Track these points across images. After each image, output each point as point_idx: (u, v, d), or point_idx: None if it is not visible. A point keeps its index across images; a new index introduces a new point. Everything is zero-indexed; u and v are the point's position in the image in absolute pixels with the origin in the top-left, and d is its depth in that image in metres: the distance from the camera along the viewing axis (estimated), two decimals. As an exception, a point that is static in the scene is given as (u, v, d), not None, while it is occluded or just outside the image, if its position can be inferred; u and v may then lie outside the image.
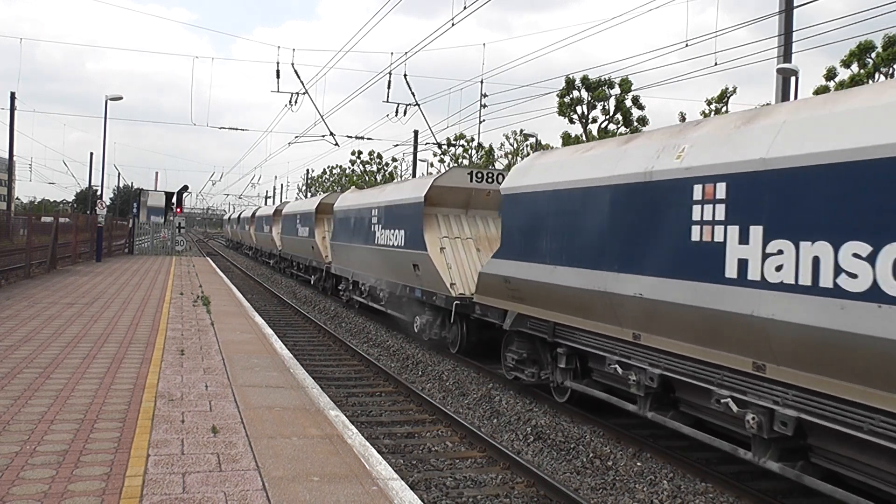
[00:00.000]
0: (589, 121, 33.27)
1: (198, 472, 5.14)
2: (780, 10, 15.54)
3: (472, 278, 12.81)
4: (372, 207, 17.92)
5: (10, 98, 34.91)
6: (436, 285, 13.54)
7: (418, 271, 14.24)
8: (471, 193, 14.68)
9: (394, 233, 15.84)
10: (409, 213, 14.92)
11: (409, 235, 14.77)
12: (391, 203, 16.42)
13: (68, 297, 15.83)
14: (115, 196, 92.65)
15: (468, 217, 14.84)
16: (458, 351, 13.58)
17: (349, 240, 19.76)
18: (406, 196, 15.48)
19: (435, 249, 13.71)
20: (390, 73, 25.89)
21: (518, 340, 10.72)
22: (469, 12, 17.39)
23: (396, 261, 15.66)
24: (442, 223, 14.44)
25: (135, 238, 39.71)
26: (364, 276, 18.51)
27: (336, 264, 21.95)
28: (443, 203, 14.61)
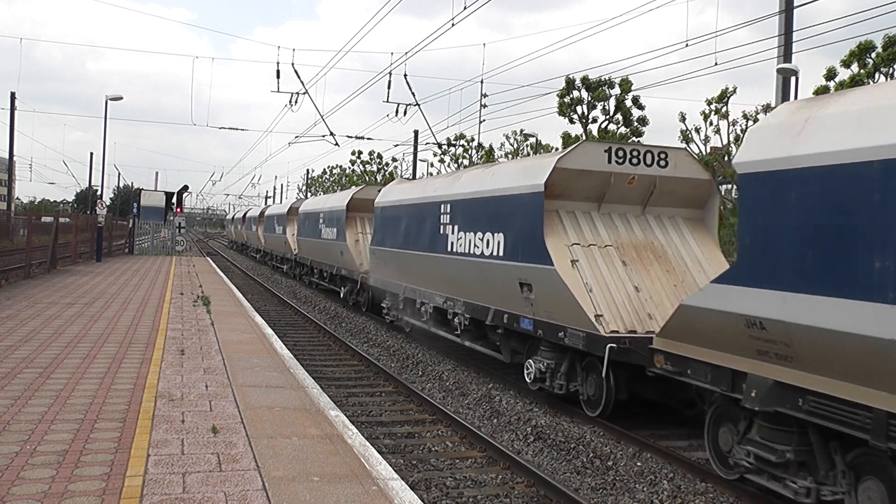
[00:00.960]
0: (589, 121, 33.27)
1: (198, 472, 5.14)
2: (780, 10, 15.54)
3: (628, 307, 9.13)
4: (441, 202, 13.56)
5: (10, 98, 34.95)
6: (567, 316, 9.38)
7: (530, 293, 10.12)
8: (608, 180, 10.23)
9: (482, 237, 11.63)
10: (515, 210, 10.67)
11: (515, 241, 10.60)
12: (479, 195, 11.99)
13: (68, 297, 15.84)
14: (115, 196, 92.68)
15: (602, 215, 10.46)
16: (600, 414, 9.30)
17: (401, 244, 15.64)
18: (509, 184, 11.10)
19: (563, 262, 9.54)
20: (390, 73, 25.91)
21: (772, 429, 6.52)
22: (469, 12, 17.40)
23: (488, 276, 11.47)
24: (568, 224, 10.19)
25: (135, 238, 39.70)
26: (425, 293, 14.22)
27: (376, 275, 17.56)
28: (568, 194, 10.27)
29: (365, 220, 21.04)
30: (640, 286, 9.43)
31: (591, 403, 9.56)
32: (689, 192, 10.63)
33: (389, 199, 17.05)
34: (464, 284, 12.46)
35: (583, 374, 9.77)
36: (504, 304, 11.01)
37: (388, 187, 18.04)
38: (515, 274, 10.51)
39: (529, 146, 46.35)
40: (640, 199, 10.54)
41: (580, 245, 9.88)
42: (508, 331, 11.19)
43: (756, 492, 6.97)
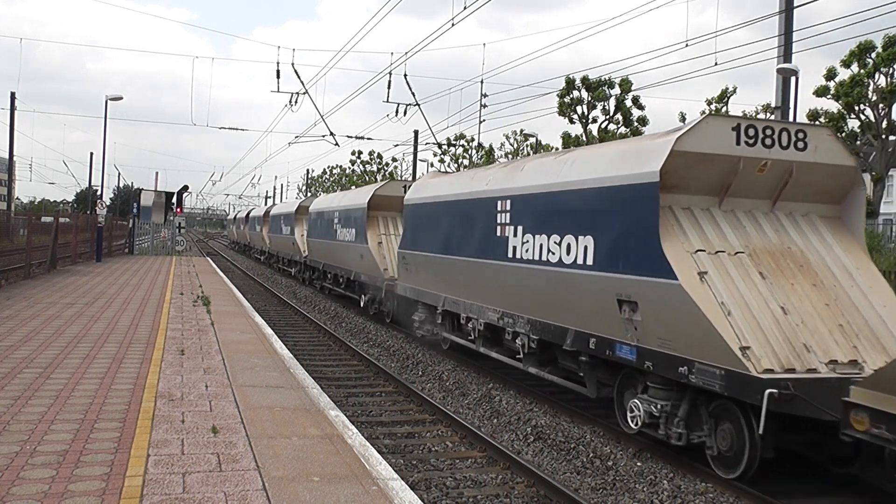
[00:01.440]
0: (589, 121, 33.29)
1: (198, 472, 5.14)
2: (780, 10, 15.55)
3: (777, 335, 7.00)
4: (497, 198, 11.10)
5: (10, 98, 34.95)
6: (695, 346, 7.19)
7: (634, 314, 7.96)
8: (735, 166, 7.98)
9: (559, 241, 9.35)
10: (613, 206, 8.41)
11: (613, 247, 8.34)
12: (555, 188, 9.62)
13: (68, 297, 15.84)
14: (115, 196, 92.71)
15: (724, 212, 8.19)
16: (739, 476, 7.14)
17: (440, 248, 13.41)
18: (602, 173, 8.69)
19: (689, 275, 7.35)
20: (390, 73, 25.92)
21: None
22: (469, 12, 17.40)
23: (569, 290, 9.20)
24: (687, 224, 7.92)
25: (135, 238, 39.71)
26: (473, 307, 11.96)
27: (406, 283, 15.49)
28: (685, 185, 8.05)
29: (388, 219, 18.92)
30: (786, 307, 7.28)
31: (725, 461, 7.31)
32: (828, 183, 8.44)
33: (423, 195, 14.66)
34: (530, 299, 10.09)
35: (710, 421, 7.50)
36: (591, 326, 8.77)
37: (422, 182, 15.74)
38: (611, 288, 8.25)
39: (529, 146, 46.37)
40: (769, 191, 8.34)
41: (706, 252, 7.64)
42: (595, 358, 8.94)
43: (756, 492, 6.97)
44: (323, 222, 23.98)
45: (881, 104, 24.30)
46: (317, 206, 25.84)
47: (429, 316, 14.34)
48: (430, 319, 14.24)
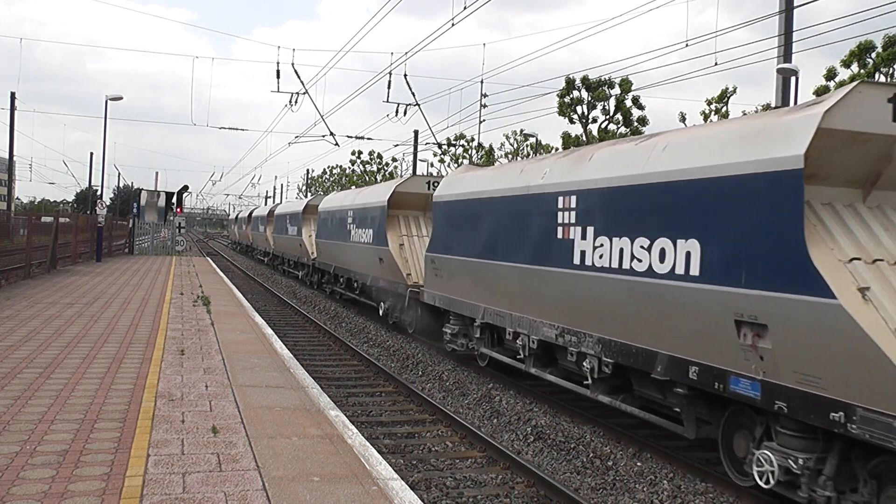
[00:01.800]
0: (589, 121, 33.29)
1: (198, 472, 5.14)
2: (780, 10, 15.55)
3: None
4: (558, 193, 9.36)
5: (11, 98, 34.95)
6: (858, 386, 5.50)
7: (761, 339, 6.30)
8: (891, 149, 6.29)
9: (648, 246, 7.58)
10: (730, 202, 6.69)
11: (731, 254, 6.62)
12: (641, 180, 7.81)
13: (68, 297, 15.84)
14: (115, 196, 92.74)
15: (871, 209, 6.48)
16: None
17: (480, 252, 11.51)
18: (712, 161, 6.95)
19: (848, 292, 5.68)
20: (390, 73, 25.91)
21: None
22: (469, 12, 17.40)
23: (663, 306, 7.42)
24: (832, 225, 6.25)
25: (135, 238, 39.72)
26: (523, 320, 10.19)
27: (435, 290, 13.49)
28: (826, 174, 6.36)
29: (410, 219, 17.18)
30: None
31: None
32: None
33: (458, 191, 12.71)
34: (603, 314, 8.37)
35: (872, 483, 5.87)
36: (693, 351, 7.07)
37: (455, 176, 13.62)
38: (726, 306, 6.57)
39: (529, 146, 46.38)
40: None
41: (862, 261, 5.90)
42: (696, 391, 7.30)
43: (756, 492, 6.97)
44: (334, 222, 22.12)
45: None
46: (328, 205, 23.79)
47: (463, 328, 12.76)
48: (465, 332, 12.69)
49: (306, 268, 28.42)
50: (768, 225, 6.27)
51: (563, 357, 9.49)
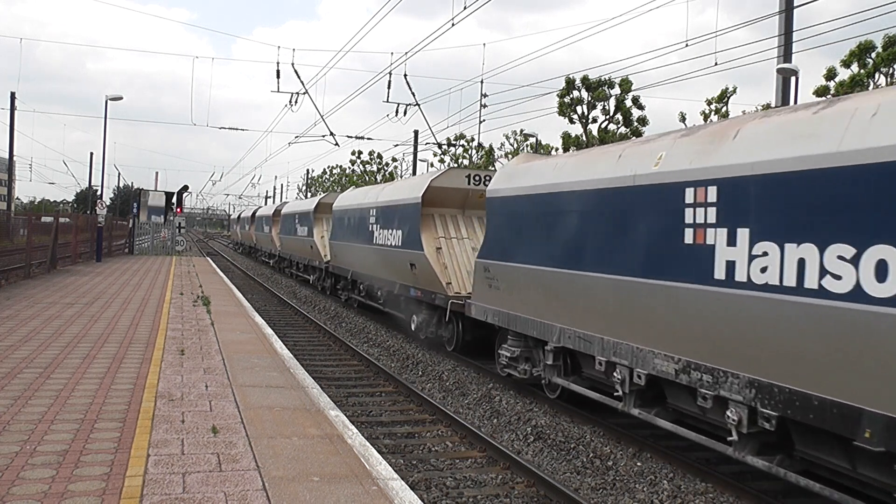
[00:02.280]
0: (589, 121, 33.30)
1: (198, 472, 5.14)
2: (780, 10, 15.56)
3: None
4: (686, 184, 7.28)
5: (10, 98, 34.97)
6: None
7: None
8: None
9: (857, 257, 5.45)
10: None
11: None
12: (820, 165, 5.87)
13: (68, 297, 15.84)
14: (115, 196, 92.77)
15: None
16: None
17: (557, 260, 9.41)
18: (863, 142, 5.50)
19: None
20: (390, 73, 25.91)
21: None
22: (469, 12, 17.40)
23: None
24: None
25: (135, 238, 39.73)
26: (625, 349, 8.06)
27: (489, 303, 11.24)
28: None
29: (448, 218, 15.02)
30: None
31: None
32: None
33: (522, 183, 10.45)
34: (763, 349, 6.26)
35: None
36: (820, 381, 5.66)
37: (517, 166, 11.07)
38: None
39: (529, 146, 46.37)
40: None
41: None
42: None
43: (756, 493, 6.97)
44: (353, 222, 19.54)
45: (881, 104, 24.27)
46: (344, 203, 21.11)
47: (526, 351, 10.53)
48: (529, 356, 10.53)
49: (318, 272, 26.09)
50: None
51: (684, 398, 7.52)
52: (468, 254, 13.98)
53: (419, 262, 14.29)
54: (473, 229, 14.87)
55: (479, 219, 14.68)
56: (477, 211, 14.91)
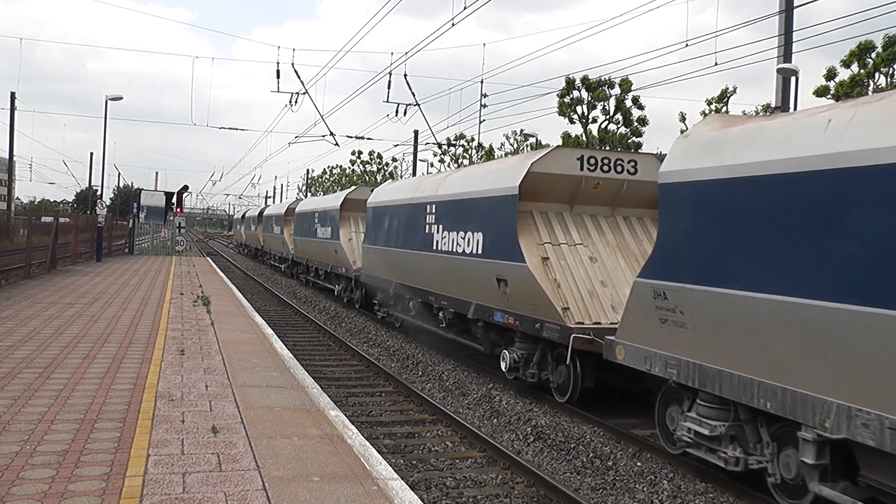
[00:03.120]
0: (589, 121, 33.31)
1: (198, 472, 5.14)
2: (780, 10, 15.56)
3: None
4: None
5: (11, 98, 34.97)
6: None
7: None
8: None
9: None
10: None
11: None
12: None
13: (68, 297, 15.84)
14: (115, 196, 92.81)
15: None
16: None
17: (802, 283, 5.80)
18: None
19: None
20: (390, 73, 25.92)
21: None
22: (469, 12, 17.40)
23: None
24: None
25: (135, 238, 39.73)
26: None
27: (659, 348, 7.60)
28: None
29: (553, 217, 10.87)
30: None
31: None
32: None
33: (751, 158, 6.48)
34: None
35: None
36: None
37: (724, 132, 7.02)
38: None
39: (529, 146, 46.39)
40: None
41: None
42: None
43: (756, 493, 6.97)
44: (398, 222, 15.75)
45: (881, 104, 24.28)
46: (383, 198, 17.25)
47: (733, 428, 6.94)
48: (741, 436, 6.93)
49: (345, 281, 22.16)
50: None
51: None
52: (586, 267, 10.12)
53: (515, 277, 10.41)
54: (587, 232, 10.74)
55: (594, 217, 11.05)
56: (590, 206, 11.12)
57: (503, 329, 11.41)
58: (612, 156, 11.09)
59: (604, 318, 9.45)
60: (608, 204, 11.17)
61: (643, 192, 11.02)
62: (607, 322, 9.31)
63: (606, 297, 9.76)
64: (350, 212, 22.03)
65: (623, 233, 10.97)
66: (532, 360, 10.71)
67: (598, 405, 9.94)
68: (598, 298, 9.74)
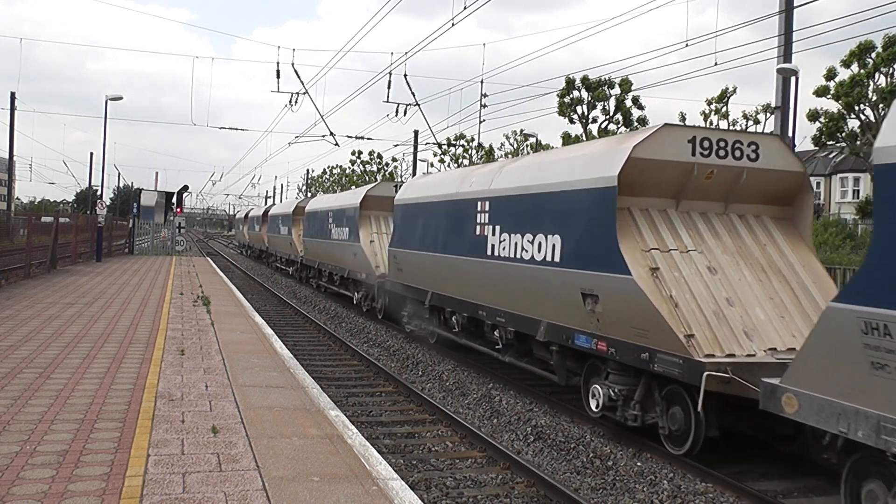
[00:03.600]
0: (589, 121, 33.31)
1: (198, 472, 5.14)
2: (780, 10, 15.56)
3: None
4: None
5: (11, 98, 34.98)
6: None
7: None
8: None
9: None
10: None
11: None
12: None
13: (68, 297, 15.84)
14: (115, 196, 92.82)
15: None
16: None
17: None
18: None
19: None
20: (390, 73, 25.95)
21: None
22: (469, 12, 17.42)
23: None
24: None
25: (135, 238, 39.74)
26: None
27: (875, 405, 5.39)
28: None
29: (657, 215, 8.80)
30: None
31: None
32: None
33: None
34: None
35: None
36: None
37: None
38: None
39: (529, 146, 46.38)
40: None
41: None
42: None
43: (756, 493, 6.97)
44: (437, 222, 13.56)
45: (881, 104, 24.31)
46: (417, 194, 15.15)
47: None
48: None
49: (366, 288, 19.68)
50: None
51: None
52: (706, 280, 8.06)
53: (613, 292, 8.26)
54: (698, 234, 8.69)
55: (704, 216, 8.93)
56: (700, 202, 8.96)
57: (583, 355, 9.28)
58: (729, 136, 8.85)
59: (737, 348, 7.40)
60: (721, 199, 9.01)
61: (764, 184, 8.94)
62: (742, 354, 7.34)
63: (736, 320, 7.66)
64: (371, 210, 19.76)
65: (741, 235, 8.82)
66: (633, 398, 8.45)
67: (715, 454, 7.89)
68: (727, 322, 7.63)
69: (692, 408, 7.49)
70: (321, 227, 24.12)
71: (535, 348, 10.57)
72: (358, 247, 19.29)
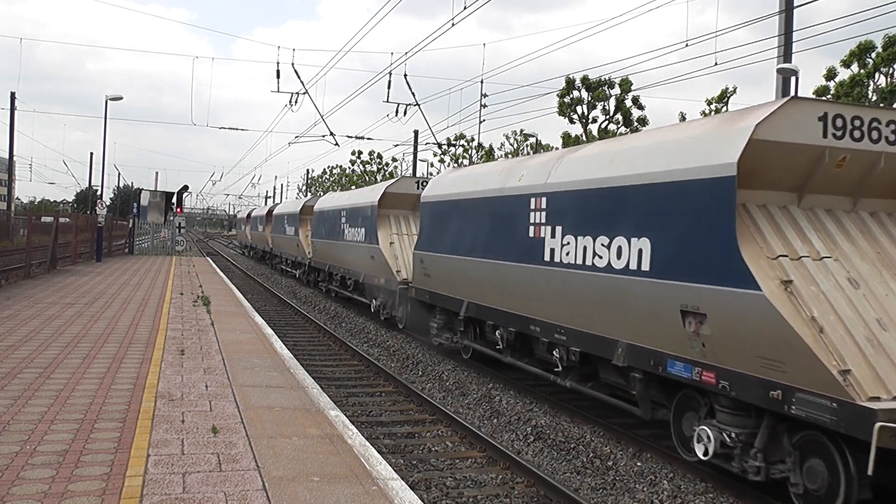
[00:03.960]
0: (589, 121, 33.32)
1: (198, 472, 5.14)
2: (780, 10, 15.56)
3: None
4: None
5: (11, 98, 34.97)
6: None
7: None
8: None
9: None
10: None
11: None
12: None
13: (68, 297, 15.83)
14: (115, 196, 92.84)
15: None
16: None
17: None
18: None
19: None
20: (390, 73, 25.94)
21: None
22: (469, 12, 17.41)
23: None
24: None
25: (135, 238, 39.74)
26: None
27: None
28: None
29: (778, 215, 6.88)
30: None
31: None
32: None
33: None
34: None
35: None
36: None
37: None
38: None
39: (529, 146, 46.39)
40: None
41: None
42: None
43: (756, 493, 6.97)
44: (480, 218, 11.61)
45: (881, 104, 24.34)
46: (452, 189, 13.11)
47: None
48: None
49: (385, 295, 17.57)
50: None
51: None
52: (849, 296, 6.30)
53: (729, 310, 6.50)
54: (829, 237, 6.88)
55: (831, 213, 7.17)
56: (826, 196, 7.16)
57: (674, 384, 7.62)
58: (865, 113, 6.89)
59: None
60: (849, 192, 7.15)
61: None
62: None
63: (893, 348, 5.92)
64: (390, 209, 17.61)
65: (877, 238, 6.98)
66: (752, 444, 6.70)
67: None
68: (884, 352, 5.89)
69: (840, 462, 5.92)
70: (333, 228, 22.01)
71: (604, 373, 8.97)
72: (376, 249, 17.18)
